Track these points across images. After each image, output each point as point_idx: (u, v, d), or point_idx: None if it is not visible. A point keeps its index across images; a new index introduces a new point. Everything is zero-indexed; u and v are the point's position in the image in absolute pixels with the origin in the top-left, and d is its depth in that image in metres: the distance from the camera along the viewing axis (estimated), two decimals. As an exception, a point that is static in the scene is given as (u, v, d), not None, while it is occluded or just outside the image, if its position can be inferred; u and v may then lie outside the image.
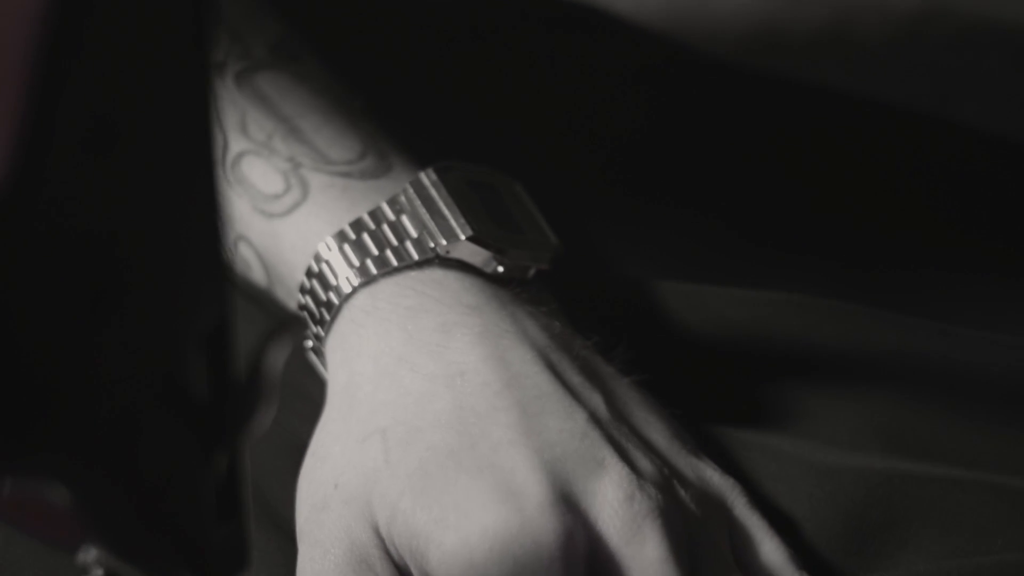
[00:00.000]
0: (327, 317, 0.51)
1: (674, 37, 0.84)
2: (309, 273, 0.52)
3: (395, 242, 0.52)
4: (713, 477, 0.49)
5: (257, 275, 0.55)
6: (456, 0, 0.68)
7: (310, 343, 0.53)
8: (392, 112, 0.61)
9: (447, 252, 0.52)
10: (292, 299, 0.54)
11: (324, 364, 0.52)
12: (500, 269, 0.52)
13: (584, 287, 0.57)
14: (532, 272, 0.53)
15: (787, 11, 0.90)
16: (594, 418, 0.48)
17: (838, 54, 0.89)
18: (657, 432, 0.50)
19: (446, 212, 0.52)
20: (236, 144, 0.55)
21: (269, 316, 0.56)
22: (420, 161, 0.56)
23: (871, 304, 0.57)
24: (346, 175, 0.54)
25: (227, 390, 0.34)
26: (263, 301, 0.57)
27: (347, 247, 0.52)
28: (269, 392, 0.33)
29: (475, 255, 0.52)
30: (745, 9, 0.89)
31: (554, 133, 0.64)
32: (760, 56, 0.86)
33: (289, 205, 0.54)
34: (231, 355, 0.34)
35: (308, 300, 0.52)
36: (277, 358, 0.33)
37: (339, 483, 0.48)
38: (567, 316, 0.54)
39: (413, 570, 0.47)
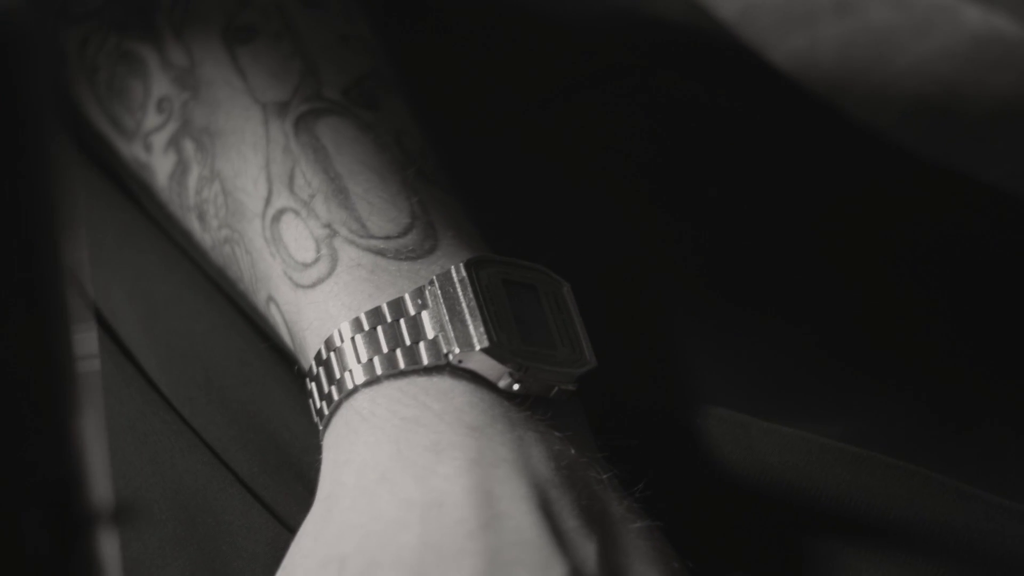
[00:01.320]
0: (326, 412, 0.48)
1: (843, 89, 0.78)
2: (318, 359, 0.49)
3: (408, 341, 0.48)
4: None
5: (286, 340, 0.53)
6: (538, 60, 0.64)
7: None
8: (464, 172, 0.57)
9: (459, 361, 0.48)
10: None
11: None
12: (516, 387, 0.48)
13: (621, 408, 0.52)
14: (555, 391, 0.49)
15: (976, 72, 0.82)
16: (577, 573, 0.44)
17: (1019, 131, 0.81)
18: None
19: (467, 316, 0.48)
20: (279, 198, 0.52)
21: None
22: (477, 239, 0.52)
23: (938, 464, 0.51)
24: (380, 252, 0.50)
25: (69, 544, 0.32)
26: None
27: (359, 338, 0.48)
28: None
29: (491, 368, 0.48)
30: (928, 66, 0.81)
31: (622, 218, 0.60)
32: (929, 124, 0.79)
33: (315, 278, 0.51)
34: (74, 508, 0.32)
35: (314, 387, 0.49)
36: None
37: None
38: (592, 441, 0.50)
39: None
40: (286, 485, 0.51)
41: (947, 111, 0.78)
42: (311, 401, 0.49)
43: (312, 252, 0.51)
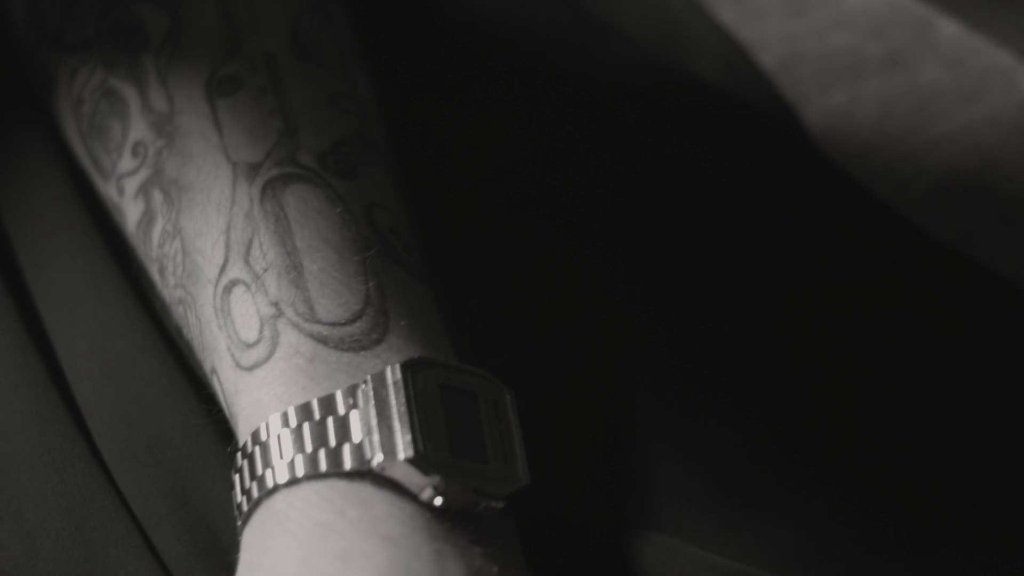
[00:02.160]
0: (245, 509, 0.48)
1: (876, 153, 0.76)
2: (244, 450, 0.48)
3: (334, 442, 0.47)
4: None
5: (228, 414, 0.52)
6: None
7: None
8: (433, 249, 0.55)
9: (383, 469, 0.47)
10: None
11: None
12: (438, 501, 0.47)
13: (558, 522, 0.51)
14: (482, 506, 0.48)
15: (1021, 143, 0.79)
16: None
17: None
18: None
19: (395, 422, 0.47)
20: (233, 268, 0.51)
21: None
22: (435, 331, 0.51)
23: None
24: (322, 340, 0.49)
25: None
26: None
27: (285, 434, 0.47)
28: None
29: (413, 479, 0.47)
30: (971, 133, 0.78)
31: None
32: (960, 200, 0.76)
33: (254, 360, 0.50)
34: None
35: (237, 480, 0.49)
36: None
37: None
38: (518, 558, 0.48)
39: None
40: (212, 572, 0.50)
41: (982, 186, 0.75)
42: (233, 494, 0.49)
43: (255, 332, 0.50)
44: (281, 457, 0.47)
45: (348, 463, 0.47)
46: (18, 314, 0.56)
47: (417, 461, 0.46)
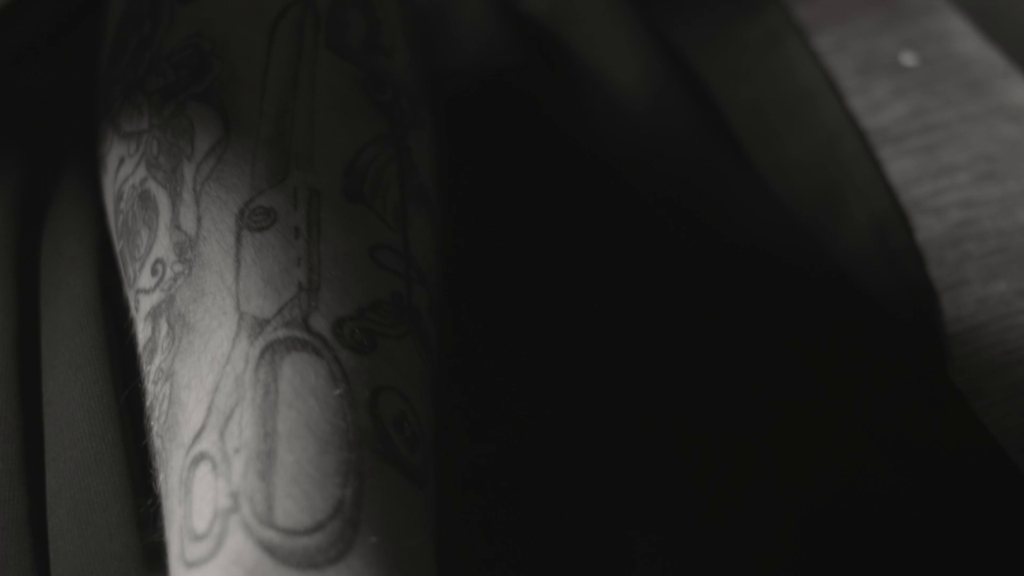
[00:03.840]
0: None
1: None
2: None
3: None
4: None
5: None
6: None
7: None
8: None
9: None
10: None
11: None
12: None
13: None
14: None
15: None
16: None
17: None
18: None
19: None
20: (206, 438, 0.47)
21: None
22: (415, 554, 0.46)
23: None
24: (270, 549, 0.44)
25: None
26: None
27: None
28: None
29: None
30: None
31: None
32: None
33: (196, 557, 0.45)
34: None
35: None
36: None
37: None
38: None
39: None
40: None
41: None
42: None
43: (206, 522, 0.45)
44: None
45: None
46: (22, 441, 0.53)
47: None
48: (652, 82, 0.67)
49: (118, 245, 0.54)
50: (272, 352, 0.47)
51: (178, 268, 0.50)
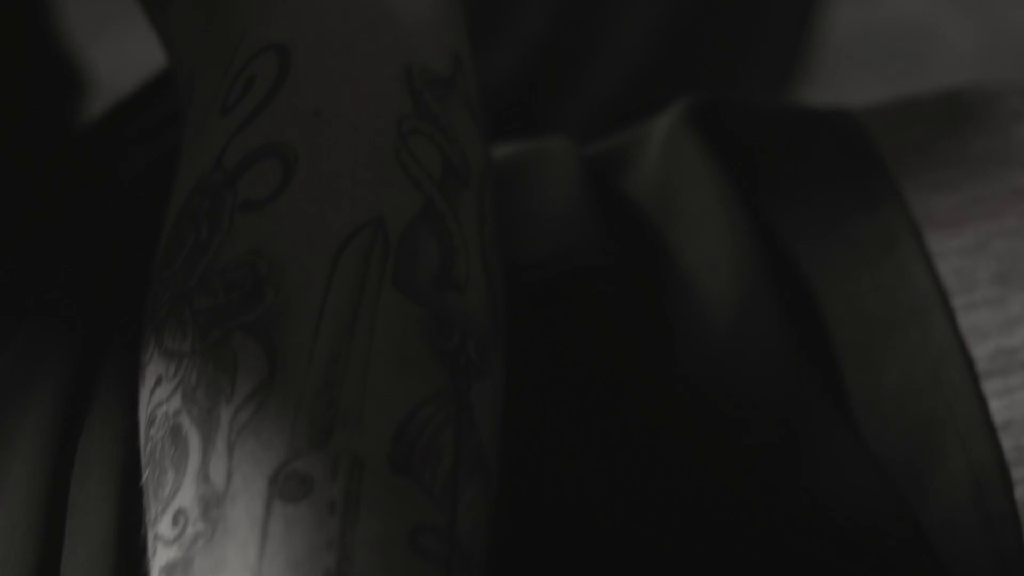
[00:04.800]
0: None
1: None
2: None
3: None
4: None
5: None
6: None
7: None
8: None
9: None
10: None
11: None
12: None
13: None
14: None
15: None
16: None
17: None
18: None
19: None
20: None
21: None
22: None
23: None
24: None
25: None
26: None
27: None
28: None
29: None
30: None
31: None
32: None
33: None
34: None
35: None
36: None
37: None
38: None
39: None
40: None
41: None
42: None
43: None
44: None
45: None
46: None
47: None
48: (745, 290, 0.62)
49: (144, 472, 0.50)
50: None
51: (200, 527, 0.46)
